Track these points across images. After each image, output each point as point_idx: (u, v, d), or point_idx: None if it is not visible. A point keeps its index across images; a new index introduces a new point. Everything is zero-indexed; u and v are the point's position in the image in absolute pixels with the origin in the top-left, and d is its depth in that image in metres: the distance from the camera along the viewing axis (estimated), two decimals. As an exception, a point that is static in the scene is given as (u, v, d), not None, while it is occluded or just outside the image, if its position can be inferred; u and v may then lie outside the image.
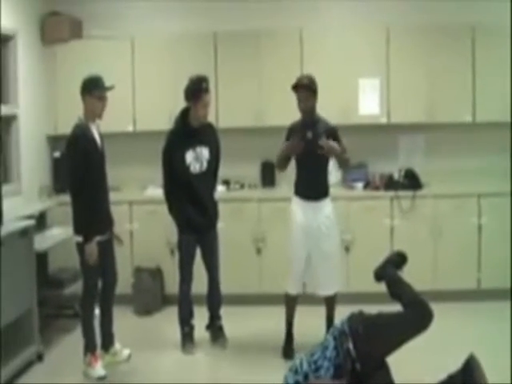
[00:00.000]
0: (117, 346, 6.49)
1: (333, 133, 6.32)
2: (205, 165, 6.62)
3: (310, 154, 6.22)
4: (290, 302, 6.58)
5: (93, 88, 6.12)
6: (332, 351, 4.53)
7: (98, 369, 6.14)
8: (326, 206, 6.42)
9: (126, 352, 6.47)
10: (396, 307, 4.74)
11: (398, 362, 4.67)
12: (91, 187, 5.99)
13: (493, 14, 8.08)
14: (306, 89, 6.26)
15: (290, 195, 6.55)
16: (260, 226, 7.91)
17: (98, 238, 6.06)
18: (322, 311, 6.60)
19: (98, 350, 6.29)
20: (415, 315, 4.55)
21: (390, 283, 4.95)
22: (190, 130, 6.58)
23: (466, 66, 8.04)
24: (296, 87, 6.28)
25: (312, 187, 6.40)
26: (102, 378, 6.07)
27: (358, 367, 4.45)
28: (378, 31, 8.13)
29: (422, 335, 4.54)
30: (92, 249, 5.99)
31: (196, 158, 6.57)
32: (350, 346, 4.48)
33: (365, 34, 8.22)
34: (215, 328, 6.94)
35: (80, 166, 5.93)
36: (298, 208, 6.42)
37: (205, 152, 6.63)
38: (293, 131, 6.38)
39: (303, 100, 6.28)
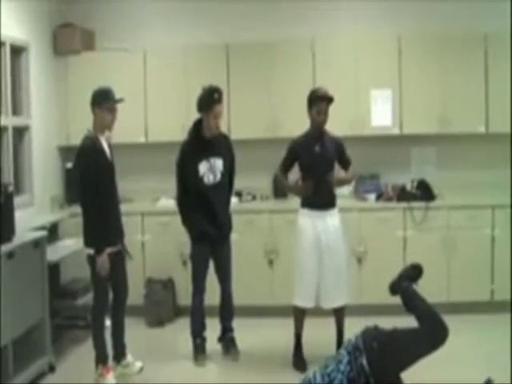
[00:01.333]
0: (129, 357, 6.47)
1: (340, 147, 6.35)
2: (218, 176, 6.60)
3: (317, 167, 6.30)
4: (299, 315, 6.55)
5: (102, 100, 6.12)
6: (346, 366, 4.49)
7: (110, 380, 6.13)
8: (334, 216, 6.41)
9: (138, 364, 6.45)
10: (409, 320, 4.72)
11: (412, 375, 4.63)
12: (101, 199, 5.97)
13: (506, 23, 8.00)
14: (328, 102, 6.28)
15: (301, 207, 6.53)
16: (272, 238, 7.88)
17: (108, 250, 6.06)
18: (332, 322, 6.58)
19: (110, 362, 6.27)
20: (430, 332, 4.51)
21: (405, 297, 4.91)
22: (203, 140, 6.57)
23: (479, 76, 7.99)
24: (320, 98, 6.29)
25: (319, 197, 6.37)
26: None
27: (371, 382, 4.41)
28: (390, 41, 8.11)
29: (436, 348, 4.52)
30: (103, 261, 5.98)
31: (209, 169, 6.56)
32: (364, 361, 4.44)
33: (377, 45, 8.20)
34: (227, 340, 6.91)
35: (89, 178, 5.92)
36: (306, 219, 6.41)
37: (218, 163, 6.61)
38: (298, 145, 6.43)
39: (325, 112, 6.30)
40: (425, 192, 7.99)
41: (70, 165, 8.47)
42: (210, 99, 6.46)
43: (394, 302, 5.21)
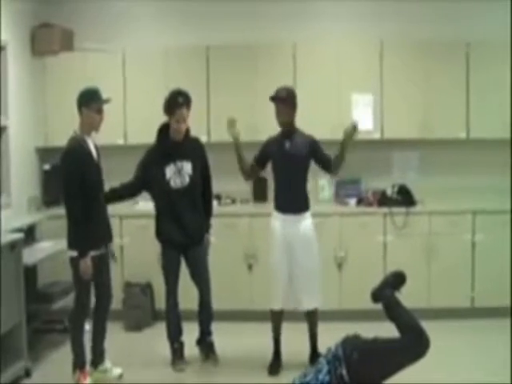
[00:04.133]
0: (107, 363, 6.39)
1: (313, 145, 6.30)
2: (187, 179, 6.51)
3: (288, 167, 6.28)
4: (276, 318, 6.54)
5: (90, 100, 6.06)
6: (325, 375, 4.44)
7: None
8: (305, 220, 6.35)
9: (117, 371, 6.36)
10: (389, 326, 4.68)
11: (392, 380, 4.58)
12: (86, 201, 5.90)
13: (488, 30, 8.06)
14: (282, 102, 6.28)
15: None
16: (251, 242, 7.81)
17: (92, 253, 5.98)
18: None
19: (88, 367, 6.19)
20: (412, 343, 4.47)
21: (387, 306, 4.87)
22: (170, 144, 6.51)
23: (461, 82, 8.01)
24: (274, 99, 6.27)
25: (290, 201, 6.35)
26: None
27: (351, 392, 4.37)
28: (372, 46, 8.10)
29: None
30: (86, 264, 5.90)
31: (176, 173, 6.48)
32: (344, 371, 4.40)
33: (359, 49, 8.18)
34: (206, 344, 6.85)
35: (75, 180, 5.86)
36: (277, 222, 6.39)
37: (187, 166, 6.53)
38: (269, 143, 6.46)
39: (281, 113, 6.33)
40: (405, 197, 7.98)
41: (48, 166, 8.40)
42: (173, 103, 6.41)
43: (374, 308, 5.16)
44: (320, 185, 8.27)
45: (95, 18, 8.66)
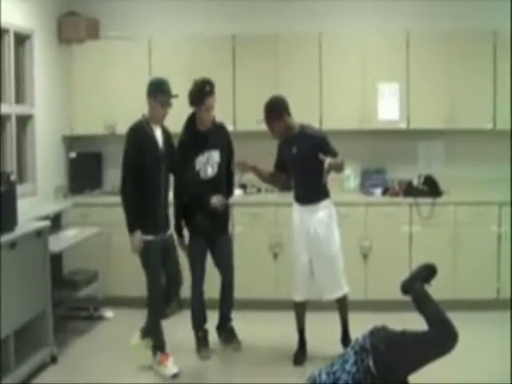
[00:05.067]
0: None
1: (320, 143, 6.20)
2: (216, 169, 6.54)
3: (299, 167, 6.29)
4: (299, 309, 6.52)
5: (157, 92, 6.07)
6: (352, 366, 4.43)
7: (170, 367, 6.14)
8: (321, 210, 6.31)
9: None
10: (415, 316, 4.65)
11: (419, 371, 4.56)
12: (142, 183, 5.97)
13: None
14: (266, 121, 6.27)
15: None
16: (277, 231, 7.78)
17: (150, 238, 6.06)
18: (334, 317, 6.54)
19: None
20: (439, 337, 4.43)
21: (416, 299, 4.83)
22: (198, 134, 6.51)
23: (487, 72, 7.93)
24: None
25: (306, 192, 6.34)
26: (176, 376, 6.08)
27: (378, 383, 4.35)
28: (398, 35, 8.03)
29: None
30: (136, 240, 5.99)
31: (206, 163, 6.49)
32: (371, 362, 4.38)
33: (385, 38, 8.12)
34: (226, 329, 6.89)
35: (130, 156, 5.97)
36: (297, 213, 6.40)
37: (215, 155, 6.54)
38: (281, 148, 6.50)
39: (270, 130, 6.33)
40: (431, 188, 7.92)
41: (73, 154, 8.47)
42: (201, 92, 6.40)
43: (400, 298, 5.13)
44: (345, 174, 8.21)
45: (120, 7, 8.66)
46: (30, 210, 6.91)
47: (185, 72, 7.89)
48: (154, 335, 6.23)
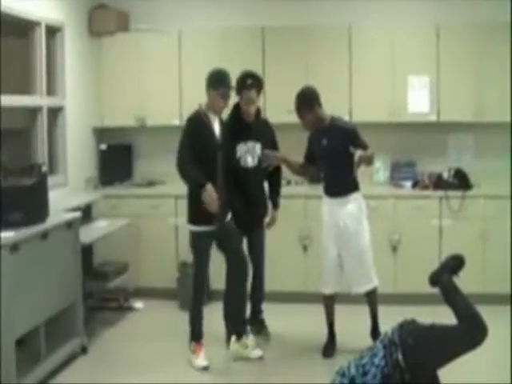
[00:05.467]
0: (250, 339, 6.46)
1: (350, 135, 6.18)
2: (256, 160, 6.59)
3: (329, 160, 6.28)
4: (328, 302, 6.53)
5: (217, 84, 6.10)
6: (381, 359, 4.41)
7: (201, 359, 6.18)
8: (350, 203, 6.29)
9: (257, 352, 6.39)
10: (445, 310, 4.63)
11: (447, 368, 4.54)
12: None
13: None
14: (297, 111, 6.28)
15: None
16: (306, 223, 7.77)
17: (201, 228, 6.14)
18: (364, 310, 6.53)
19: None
20: (469, 331, 4.40)
21: (445, 291, 4.81)
22: (241, 124, 6.55)
23: (517, 64, 7.85)
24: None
25: (335, 185, 6.34)
26: (204, 368, 6.11)
27: (407, 378, 4.34)
28: (429, 27, 7.98)
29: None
30: (208, 193, 5.94)
31: (247, 152, 6.53)
32: (400, 356, 4.36)
33: (415, 30, 8.07)
34: (257, 321, 6.93)
35: (186, 143, 6.02)
36: (326, 206, 6.41)
37: (257, 147, 6.60)
38: (310, 141, 6.50)
39: (301, 121, 6.33)
40: (461, 181, 7.88)
41: (104, 146, 8.52)
42: (242, 84, 6.48)
43: (429, 292, 5.11)
44: (375, 167, 8.18)
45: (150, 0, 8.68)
46: (61, 202, 6.96)
47: (214, 64, 7.87)
48: (191, 323, 6.30)
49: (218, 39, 8.27)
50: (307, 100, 6.23)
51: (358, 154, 5.88)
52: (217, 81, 6.10)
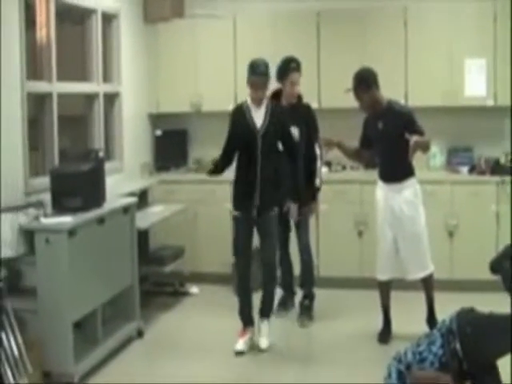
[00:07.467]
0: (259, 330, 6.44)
1: (406, 120, 6.11)
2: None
3: (385, 144, 6.21)
4: (383, 288, 6.49)
5: (248, 73, 6.17)
6: (438, 348, 4.37)
7: (240, 343, 6.18)
8: (406, 189, 6.23)
9: (263, 342, 6.34)
10: (502, 297, 4.57)
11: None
12: (237, 161, 6.16)
13: None
14: (354, 91, 6.22)
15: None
16: (362, 209, 7.69)
17: (236, 213, 6.22)
18: (419, 296, 6.46)
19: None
20: None
21: (506, 278, 4.74)
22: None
23: None
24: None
25: (391, 170, 6.28)
26: (238, 353, 6.10)
27: (465, 367, 4.29)
28: (485, 8, 7.81)
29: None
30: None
31: None
32: (457, 346, 4.32)
33: (471, 12, 7.90)
34: (303, 306, 6.98)
35: (228, 136, 6.20)
36: (381, 191, 6.36)
37: (294, 131, 6.62)
38: (366, 125, 6.44)
39: (357, 101, 6.26)
40: (519, 166, 7.76)
41: (159, 132, 8.58)
42: (287, 67, 6.68)
43: (486, 278, 5.04)
44: (431, 152, 8.08)
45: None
46: (117, 187, 7.03)
47: (270, 49, 7.87)
48: (238, 310, 6.32)
49: (272, 24, 8.24)
50: (364, 79, 6.19)
51: (414, 139, 5.82)
52: (248, 70, 6.16)
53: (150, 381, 5.56)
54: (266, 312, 6.41)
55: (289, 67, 6.66)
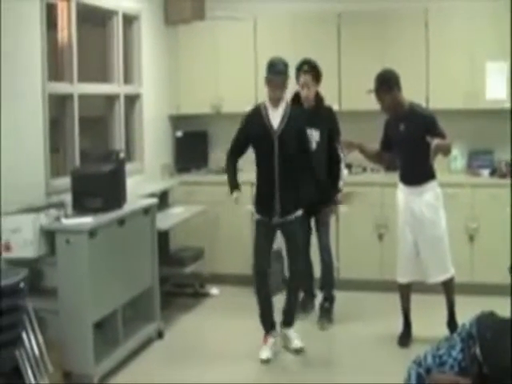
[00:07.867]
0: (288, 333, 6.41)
1: (428, 123, 6.08)
2: (314, 146, 6.62)
3: (406, 147, 6.17)
4: (403, 291, 6.46)
5: (266, 73, 6.10)
6: (459, 353, 4.34)
7: (265, 350, 6.10)
8: (427, 192, 6.21)
9: (297, 343, 6.33)
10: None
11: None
12: (256, 164, 6.13)
13: None
14: (376, 92, 6.18)
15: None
16: (382, 211, 7.67)
17: (256, 217, 6.18)
18: (440, 299, 6.42)
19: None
20: None
21: None
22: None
23: None
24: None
25: (412, 173, 6.25)
26: (264, 361, 6.02)
27: (485, 371, 4.27)
28: (506, 12, 7.75)
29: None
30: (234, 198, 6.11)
31: None
32: (477, 351, 4.29)
33: (492, 15, 7.84)
34: (323, 309, 6.96)
35: (233, 139, 6.25)
36: (402, 194, 6.34)
37: (315, 134, 6.66)
38: (387, 126, 6.41)
39: (379, 102, 6.21)
40: (540, 169, 7.71)
41: (180, 133, 8.60)
42: (298, 69, 6.71)
43: (507, 282, 5.03)
44: (452, 155, 8.04)
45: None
46: (138, 188, 7.06)
47: (290, 51, 7.83)
48: (259, 314, 6.24)
49: (293, 25, 8.24)
50: (386, 81, 6.16)
51: (435, 142, 5.80)
52: (266, 69, 6.10)
53: (170, 381, 5.55)
54: (289, 322, 6.38)
55: (301, 69, 6.69)
